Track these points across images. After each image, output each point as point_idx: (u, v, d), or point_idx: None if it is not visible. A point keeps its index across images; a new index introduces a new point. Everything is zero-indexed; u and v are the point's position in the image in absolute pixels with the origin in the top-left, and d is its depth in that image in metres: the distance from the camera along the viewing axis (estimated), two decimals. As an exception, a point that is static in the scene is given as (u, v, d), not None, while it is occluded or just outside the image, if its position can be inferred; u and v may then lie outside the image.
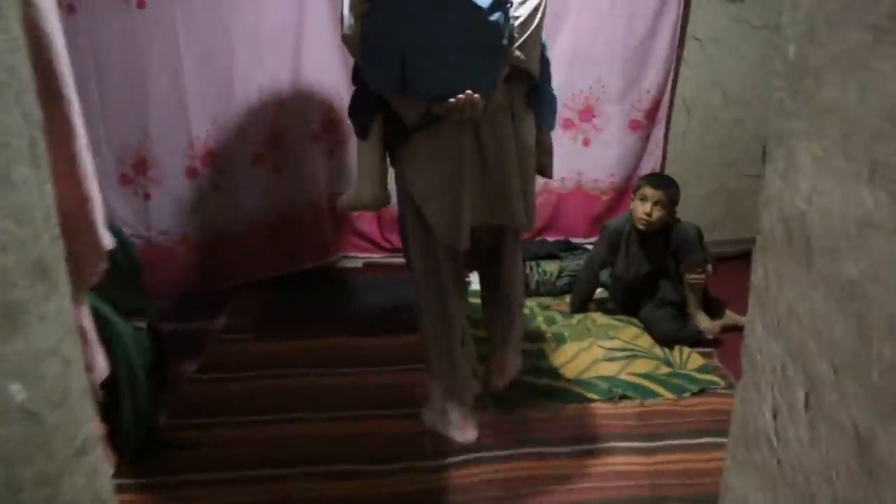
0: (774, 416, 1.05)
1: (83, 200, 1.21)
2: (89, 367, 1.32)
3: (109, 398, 2.17)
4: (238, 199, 3.44)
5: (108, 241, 1.29)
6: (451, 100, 2.00)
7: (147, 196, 3.36)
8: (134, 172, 3.33)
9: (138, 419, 2.22)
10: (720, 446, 2.29)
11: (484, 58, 2.03)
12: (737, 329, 3.06)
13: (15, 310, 0.84)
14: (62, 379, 0.95)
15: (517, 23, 2.07)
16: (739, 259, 3.76)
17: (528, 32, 2.09)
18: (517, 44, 2.08)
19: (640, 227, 3.05)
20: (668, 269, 3.08)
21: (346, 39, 2.12)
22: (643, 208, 3.02)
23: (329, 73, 3.31)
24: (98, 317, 2.10)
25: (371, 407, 2.56)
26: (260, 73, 3.25)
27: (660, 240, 3.06)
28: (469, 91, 2.00)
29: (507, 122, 2.16)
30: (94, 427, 1.07)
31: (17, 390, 0.85)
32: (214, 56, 3.19)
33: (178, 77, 3.19)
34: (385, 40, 2.00)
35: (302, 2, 3.20)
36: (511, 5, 2.06)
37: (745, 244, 3.82)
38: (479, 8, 1.94)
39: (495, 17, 1.97)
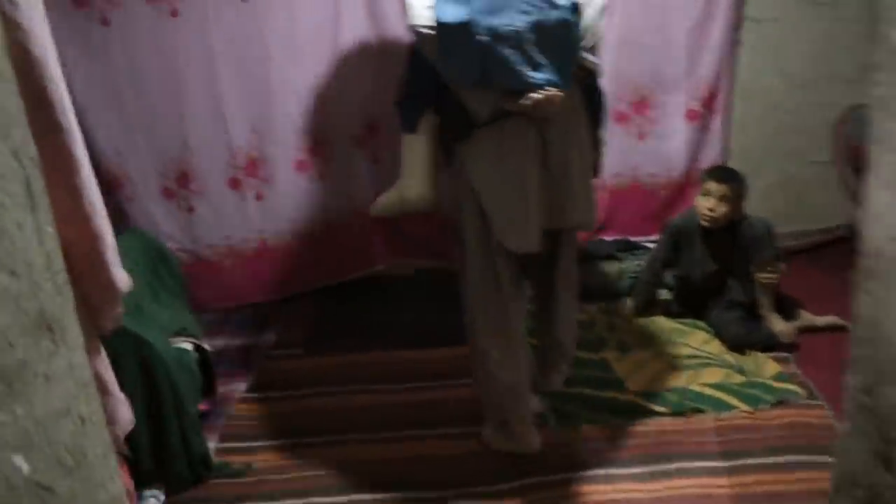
0: (887, 467, 0.90)
1: (92, 239, 1.09)
2: (111, 421, 1.21)
3: (155, 427, 2.09)
4: (282, 208, 3.33)
5: (123, 281, 1.17)
6: (536, 95, 1.93)
7: (190, 209, 3.29)
8: (176, 185, 3.25)
9: (186, 447, 2.13)
10: (805, 466, 2.14)
11: (562, 55, 1.98)
12: (813, 330, 2.87)
13: (13, 374, 0.73)
14: (77, 441, 0.85)
15: (585, 23, 2.00)
16: (808, 253, 3.56)
17: (596, 33, 2.05)
18: (587, 44, 2.04)
19: (704, 223, 2.87)
20: (736, 268, 2.90)
21: (417, 30, 2.01)
22: (706, 203, 2.84)
23: (369, 73, 3.18)
24: (140, 341, 2.04)
25: (428, 426, 2.45)
26: (298, 77, 3.13)
27: (727, 237, 2.88)
28: (551, 88, 1.95)
29: (570, 120, 2.09)
30: (118, 487, 0.96)
31: (20, 462, 0.75)
32: (250, 62, 3.09)
33: (215, 85, 3.10)
34: (470, 31, 1.91)
35: (337, 1, 3.09)
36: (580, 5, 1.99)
37: (814, 236, 3.62)
38: (560, 6, 1.93)
39: (573, 16, 1.95)
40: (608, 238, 3.50)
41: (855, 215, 3.41)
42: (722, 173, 2.88)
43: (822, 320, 2.90)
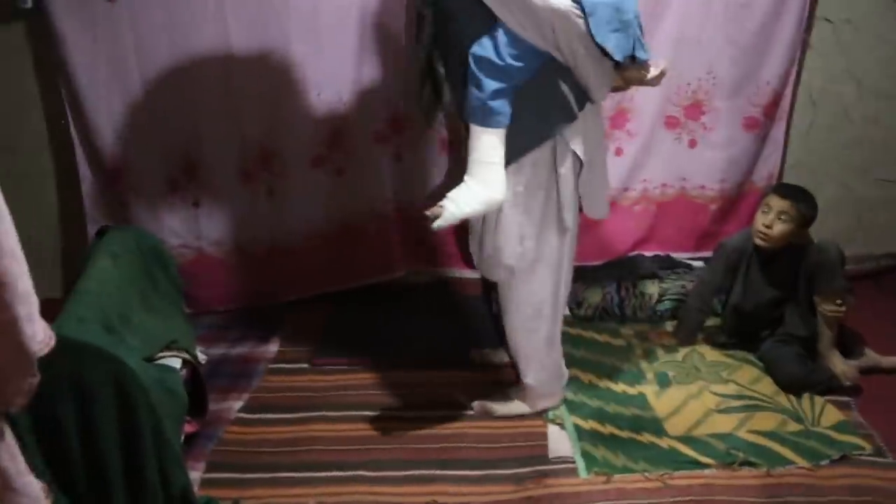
0: None
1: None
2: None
3: (130, 459, 1.84)
4: (296, 205, 3.07)
5: (41, 342, 0.90)
6: (655, 69, 2.06)
7: (196, 203, 3.03)
8: (183, 176, 3.00)
9: (164, 481, 1.87)
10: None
11: None
12: (878, 372, 2.56)
13: None
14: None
15: None
16: (872, 279, 3.24)
17: None
18: None
19: (758, 241, 2.58)
20: (796, 298, 2.59)
21: (564, 11, 1.87)
22: (763, 220, 2.55)
23: (396, 65, 2.91)
24: (116, 365, 1.79)
25: (444, 465, 2.17)
26: (319, 66, 2.85)
27: (788, 262, 2.57)
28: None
29: None
30: None
31: None
32: (269, 47, 2.82)
33: (229, 70, 2.83)
34: (622, 9, 1.92)
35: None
36: None
37: (878, 261, 3.30)
38: None
39: None
40: (649, 254, 3.20)
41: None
42: (788, 189, 2.58)
43: (888, 361, 2.59)
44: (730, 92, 3.01)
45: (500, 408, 2.40)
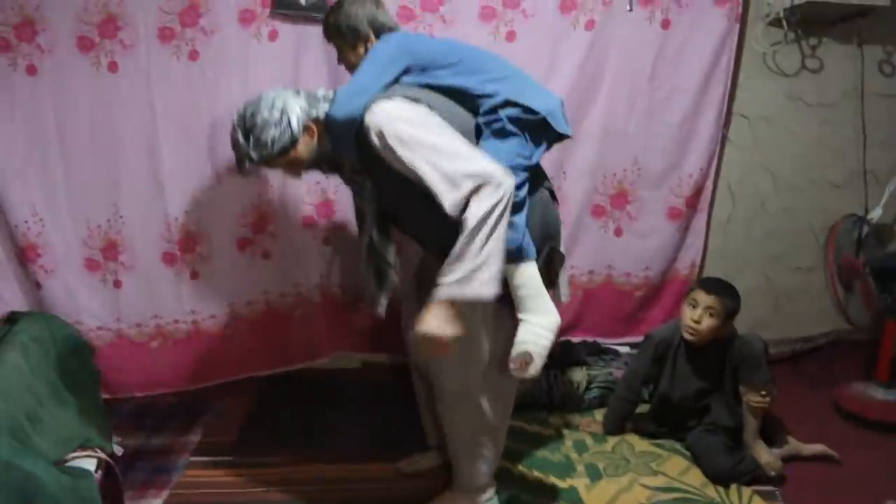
0: None
1: None
2: None
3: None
4: (220, 288, 2.99)
5: None
6: None
7: (117, 283, 2.91)
8: (102, 257, 2.88)
9: None
10: None
11: None
12: (799, 460, 2.60)
13: None
14: None
15: None
16: (789, 363, 3.34)
17: None
18: None
19: (688, 336, 2.61)
20: (722, 389, 2.63)
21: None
22: (691, 314, 2.59)
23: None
24: (26, 477, 1.67)
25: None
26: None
27: (714, 355, 2.61)
28: None
29: None
30: None
31: None
32: (196, 127, 2.77)
33: (154, 150, 2.75)
34: None
35: (297, 65, 2.80)
36: None
37: (794, 345, 3.40)
38: None
39: None
40: (576, 339, 3.22)
41: (841, 325, 3.19)
42: (713, 285, 2.62)
43: (809, 449, 2.64)
44: (654, 182, 3.10)
45: None
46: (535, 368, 1.91)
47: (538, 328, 1.92)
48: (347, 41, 2.13)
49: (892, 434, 2.81)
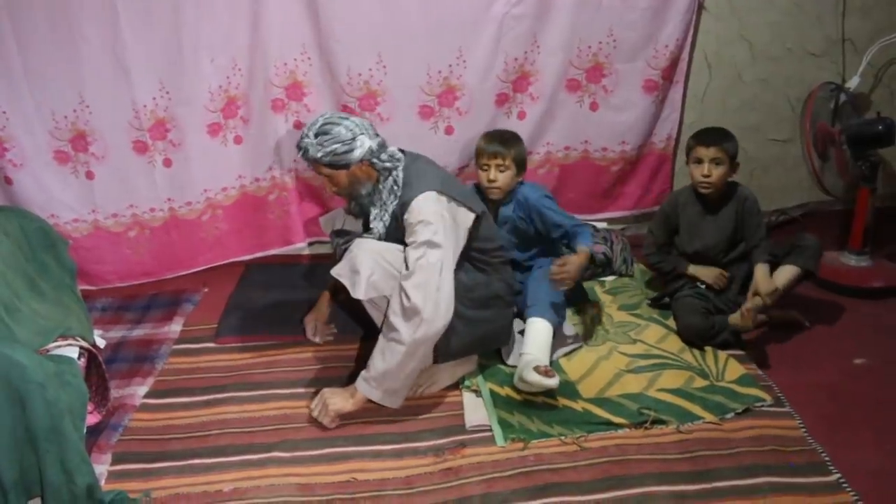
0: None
1: None
2: None
3: (28, 461, 1.73)
4: (194, 175, 2.96)
5: None
6: None
7: (89, 174, 2.86)
8: (71, 148, 2.82)
9: (69, 480, 1.76)
10: (779, 489, 1.93)
11: None
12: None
13: None
14: None
15: None
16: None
17: None
18: None
19: (703, 190, 2.67)
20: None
21: None
22: (700, 171, 2.64)
23: (294, 28, 2.79)
24: (9, 363, 1.67)
25: (357, 441, 2.14)
26: (212, 29, 2.72)
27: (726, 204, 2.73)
28: None
29: None
30: None
31: None
32: (159, 9, 2.66)
33: (117, 34, 2.65)
34: None
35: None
36: None
37: (769, 217, 3.43)
38: None
39: None
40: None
41: (815, 196, 3.19)
42: (707, 136, 2.66)
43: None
44: (630, 55, 3.04)
45: (427, 388, 2.37)
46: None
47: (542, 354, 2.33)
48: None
49: (862, 299, 2.88)
